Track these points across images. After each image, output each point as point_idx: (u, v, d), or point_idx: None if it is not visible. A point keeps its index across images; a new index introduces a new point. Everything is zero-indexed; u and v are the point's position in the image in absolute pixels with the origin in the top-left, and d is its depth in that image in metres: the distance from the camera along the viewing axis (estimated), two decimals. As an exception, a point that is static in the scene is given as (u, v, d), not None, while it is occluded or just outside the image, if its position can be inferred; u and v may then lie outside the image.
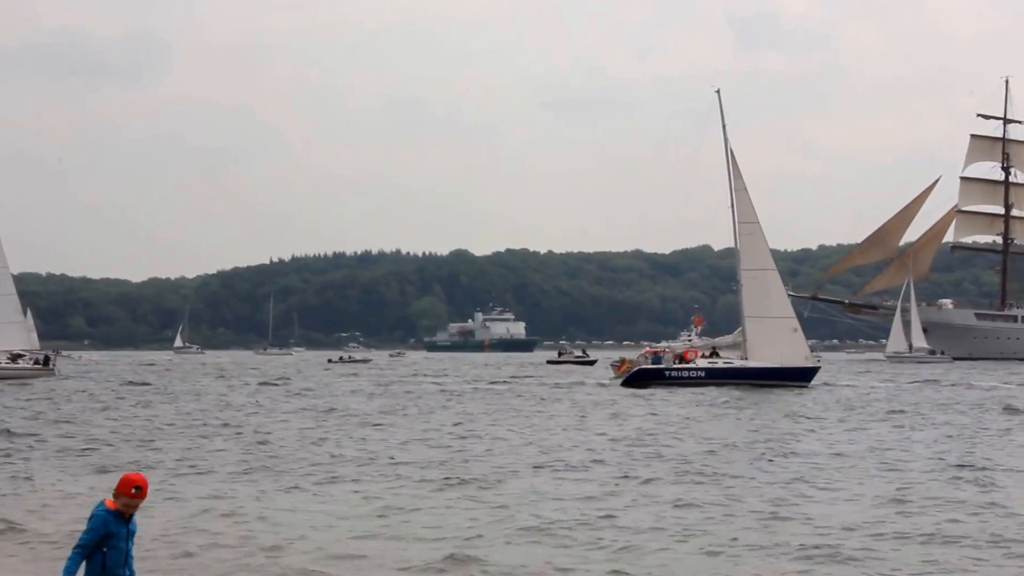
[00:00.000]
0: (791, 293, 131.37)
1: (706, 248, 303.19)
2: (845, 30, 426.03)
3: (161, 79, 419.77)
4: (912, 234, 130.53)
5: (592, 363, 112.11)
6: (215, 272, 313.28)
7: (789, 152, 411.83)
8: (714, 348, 65.07)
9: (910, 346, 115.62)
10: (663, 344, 77.57)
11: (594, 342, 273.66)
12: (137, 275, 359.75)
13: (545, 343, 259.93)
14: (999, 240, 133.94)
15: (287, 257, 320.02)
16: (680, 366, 62.59)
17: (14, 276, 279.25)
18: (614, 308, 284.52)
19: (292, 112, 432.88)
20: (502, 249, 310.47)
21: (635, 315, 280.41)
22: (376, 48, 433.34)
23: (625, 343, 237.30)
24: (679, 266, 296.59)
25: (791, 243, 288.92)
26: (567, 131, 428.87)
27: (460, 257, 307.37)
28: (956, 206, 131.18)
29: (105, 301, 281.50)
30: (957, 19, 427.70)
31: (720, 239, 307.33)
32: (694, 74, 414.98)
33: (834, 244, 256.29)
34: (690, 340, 75.64)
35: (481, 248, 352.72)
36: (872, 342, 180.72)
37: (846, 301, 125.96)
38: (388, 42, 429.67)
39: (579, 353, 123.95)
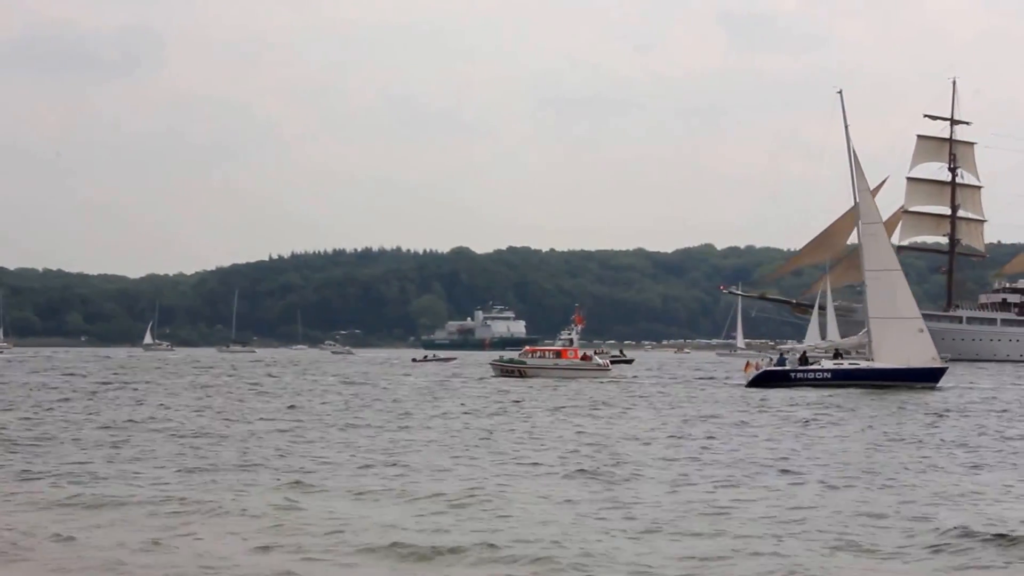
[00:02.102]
0: (735, 291, 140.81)
1: (709, 247, 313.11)
2: (840, 29, 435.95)
3: (157, 74, 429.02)
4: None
5: (630, 362, 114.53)
6: (214, 269, 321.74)
7: (786, 151, 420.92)
8: (837, 349, 66.98)
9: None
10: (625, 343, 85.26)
11: (595, 341, 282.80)
12: (135, 271, 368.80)
13: (545, 342, 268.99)
14: (946, 241, 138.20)
15: (286, 254, 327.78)
16: (806, 368, 64.08)
17: (11, 272, 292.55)
18: (616, 307, 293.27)
19: (290, 108, 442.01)
20: (503, 247, 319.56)
21: (637, 314, 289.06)
22: (375, 45, 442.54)
23: (626, 342, 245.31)
24: (682, 265, 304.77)
25: (793, 243, 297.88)
26: (567, 128, 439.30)
27: (461, 255, 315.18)
28: (903, 207, 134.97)
29: (103, 297, 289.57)
30: (957, 19, 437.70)
31: (722, 239, 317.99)
32: (691, 72, 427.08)
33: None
34: (570, 339, 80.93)
35: (482, 246, 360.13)
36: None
37: (793, 301, 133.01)
38: (387, 38, 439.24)
39: (616, 353, 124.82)
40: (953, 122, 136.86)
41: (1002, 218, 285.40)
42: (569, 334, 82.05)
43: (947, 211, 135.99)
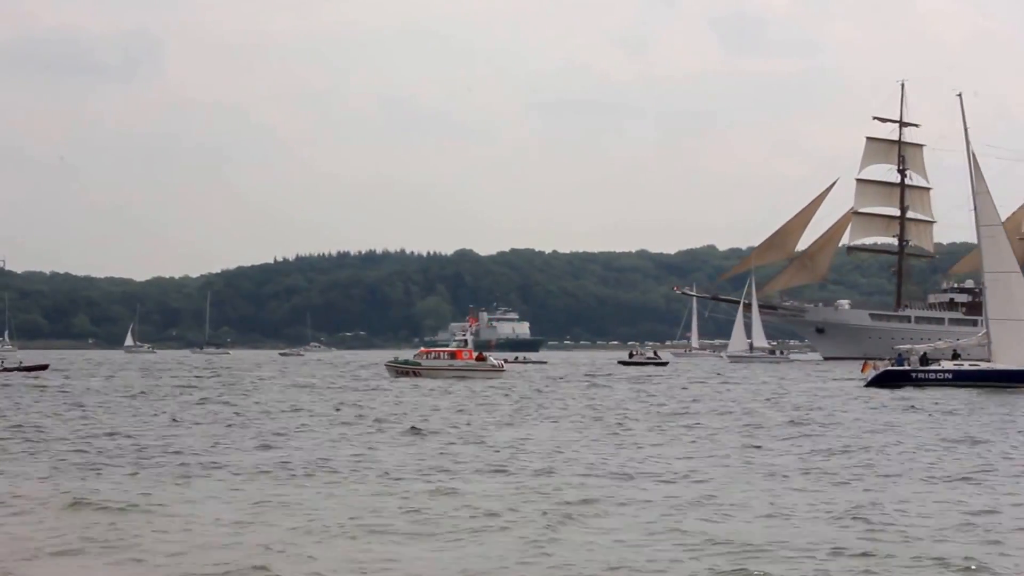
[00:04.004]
0: (688, 292, 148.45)
1: (711, 248, 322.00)
2: (832, 31, 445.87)
3: (158, 79, 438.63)
4: (811, 236, 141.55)
5: (664, 364, 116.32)
6: (219, 271, 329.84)
7: (780, 154, 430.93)
8: (955, 350, 67.71)
9: (751, 346, 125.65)
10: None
11: (598, 342, 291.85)
12: (141, 274, 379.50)
13: (550, 343, 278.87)
14: (895, 242, 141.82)
15: (291, 256, 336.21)
16: (927, 368, 64.93)
17: (18, 275, 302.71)
18: (619, 308, 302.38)
19: (291, 112, 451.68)
20: (507, 249, 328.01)
21: (640, 315, 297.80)
22: (376, 48, 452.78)
23: (630, 343, 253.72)
24: (684, 266, 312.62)
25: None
26: (566, 131, 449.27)
27: (464, 257, 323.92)
28: (852, 208, 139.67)
29: (109, 300, 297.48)
30: (949, 21, 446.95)
31: (724, 240, 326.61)
32: (686, 75, 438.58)
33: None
34: (464, 340, 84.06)
35: (486, 248, 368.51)
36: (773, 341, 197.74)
37: (744, 301, 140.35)
38: (388, 42, 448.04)
39: (651, 354, 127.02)
40: (902, 124, 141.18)
41: (951, 219, 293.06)
42: (464, 335, 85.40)
43: (896, 212, 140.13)
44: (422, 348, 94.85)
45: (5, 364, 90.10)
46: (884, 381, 64.43)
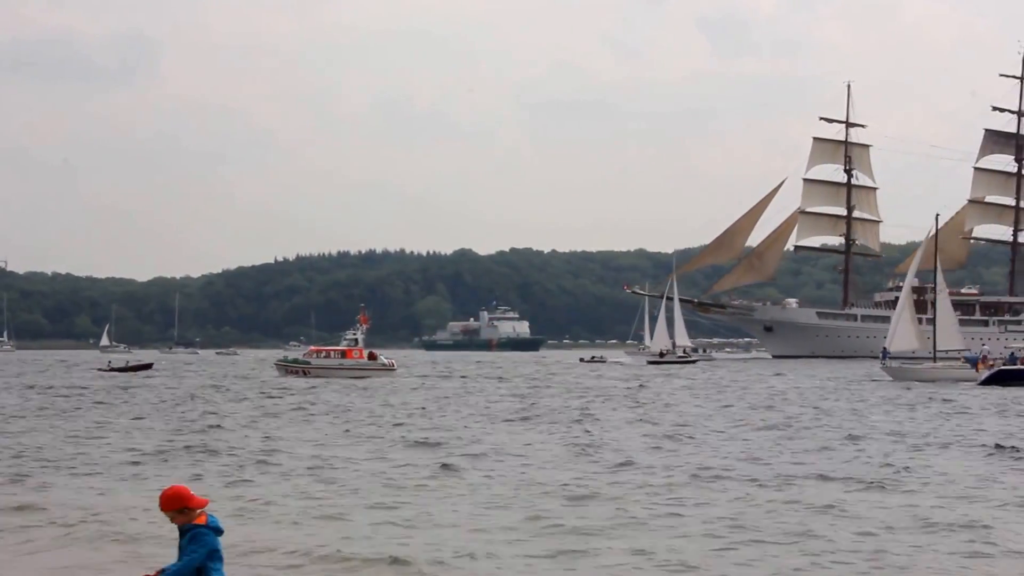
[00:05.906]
0: (638, 291, 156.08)
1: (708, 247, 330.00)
2: (817, 33, 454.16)
3: (156, 81, 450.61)
4: (760, 235, 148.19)
5: (693, 363, 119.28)
6: (220, 271, 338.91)
7: (773, 153, 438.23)
8: None
9: (673, 344, 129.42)
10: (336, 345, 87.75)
11: (597, 341, 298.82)
12: (143, 274, 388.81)
13: (550, 342, 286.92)
14: (842, 241, 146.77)
15: (292, 257, 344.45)
16: None
17: (20, 276, 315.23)
18: (617, 307, 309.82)
19: (288, 114, 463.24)
20: (506, 248, 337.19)
21: (638, 314, 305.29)
22: (373, 50, 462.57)
23: (628, 342, 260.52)
24: (681, 265, 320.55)
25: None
26: (562, 131, 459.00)
27: (464, 256, 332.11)
28: (800, 207, 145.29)
29: (111, 300, 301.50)
30: (935, 23, 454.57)
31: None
32: (678, 77, 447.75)
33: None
34: (355, 339, 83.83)
35: (484, 247, 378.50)
36: (720, 339, 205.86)
37: (695, 300, 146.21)
38: (385, 44, 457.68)
39: (681, 353, 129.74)
40: (848, 125, 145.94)
41: (897, 218, 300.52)
42: (355, 334, 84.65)
43: (843, 212, 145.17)
44: (312, 347, 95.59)
45: (112, 364, 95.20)
46: (999, 380, 65.66)
